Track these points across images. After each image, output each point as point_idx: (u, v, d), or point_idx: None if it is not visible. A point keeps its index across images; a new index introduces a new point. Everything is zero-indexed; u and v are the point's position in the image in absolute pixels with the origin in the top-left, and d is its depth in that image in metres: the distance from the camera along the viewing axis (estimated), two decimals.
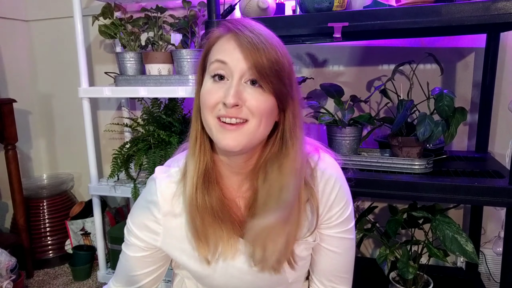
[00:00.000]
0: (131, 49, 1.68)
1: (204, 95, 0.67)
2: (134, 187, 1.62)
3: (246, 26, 0.66)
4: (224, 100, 0.64)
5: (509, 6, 0.99)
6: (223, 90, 0.65)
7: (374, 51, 1.62)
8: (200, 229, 0.71)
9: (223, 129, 0.65)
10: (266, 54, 0.63)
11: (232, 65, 0.64)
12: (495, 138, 1.52)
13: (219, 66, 0.65)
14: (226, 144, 0.65)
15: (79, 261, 1.88)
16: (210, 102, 0.66)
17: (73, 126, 2.17)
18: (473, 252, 1.13)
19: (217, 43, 0.67)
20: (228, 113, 0.64)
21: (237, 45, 0.64)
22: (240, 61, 0.64)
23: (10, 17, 2.05)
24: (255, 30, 0.65)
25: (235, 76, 0.64)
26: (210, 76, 0.67)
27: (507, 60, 1.47)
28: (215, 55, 0.66)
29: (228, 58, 0.64)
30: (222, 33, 0.67)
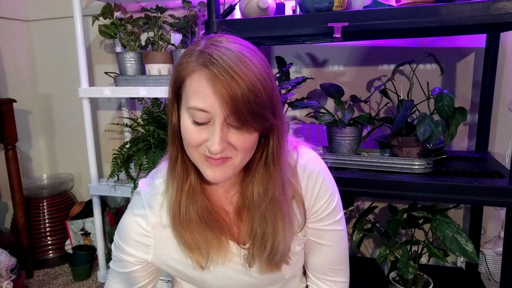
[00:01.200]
0: (131, 49, 1.68)
1: (186, 134, 0.64)
2: (134, 187, 1.62)
3: (223, 59, 0.59)
4: (209, 147, 0.61)
5: (509, 6, 0.99)
6: (206, 132, 0.62)
7: (374, 51, 1.62)
8: (190, 240, 0.71)
9: (209, 164, 0.65)
10: (245, 97, 0.58)
11: (212, 112, 0.60)
12: (495, 138, 1.52)
13: (200, 115, 0.61)
14: (213, 178, 0.66)
15: (79, 261, 1.88)
16: (193, 142, 0.64)
17: (73, 126, 2.17)
18: (473, 252, 1.13)
19: (191, 79, 0.61)
20: (213, 156, 0.63)
21: (212, 91, 0.59)
22: (219, 108, 0.59)
23: (9, 17, 2.05)
24: (231, 65, 0.58)
25: (217, 122, 0.60)
26: (188, 116, 0.63)
27: (507, 60, 1.48)
28: (191, 99, 0.61)
29: (207, 106, 0.60)
30: (197, 66, 0.61)
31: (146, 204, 0.74)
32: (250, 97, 0.58)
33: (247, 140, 0.63)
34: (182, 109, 0.65)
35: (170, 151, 0.70)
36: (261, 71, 0.61)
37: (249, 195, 0.71)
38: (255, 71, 0.60)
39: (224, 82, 0.58)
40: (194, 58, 0.62)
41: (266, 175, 0.69)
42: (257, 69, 0.60)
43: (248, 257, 0.75)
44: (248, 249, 0.75)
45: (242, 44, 0.64)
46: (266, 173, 0.69)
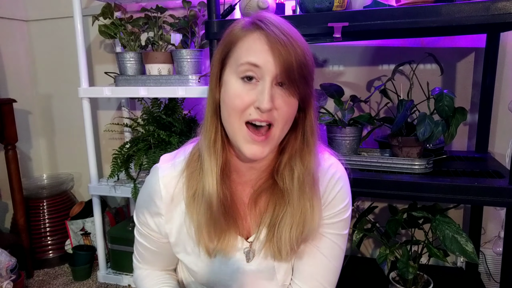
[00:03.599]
0: (131, 49, 1.68)
1: (232, 98, 0.64)
2: (134, 187, 1.62)
3: (275, 24, 0.63)
4: (259, 104, 0.62)
5: (509, 6, 0.99)
6: (254, 93, 0.63)
7: (374, 51, 1.62)
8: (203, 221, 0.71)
9: (251, 139, 0.65)
10: (297, 58, 0.62)
11: (264, 68, 0.62)
12: (495, 138, 1.52)
13: (250, 68, 0.63)
14: (252, 154, 0.66)
15: (79, 261, 1.88)
16: (240, 105, 0.64)
17: (73, 126, 2.17)
18: (473, 252, 1.13)
19: (243, 41, 0.65)
20: (261, 117, 0.63)
21: (268, 47, 0.62)
22: (272, 64, 0.62)
23: (9, 17, 2.05)
24: (284, 30, 0.63)
25: (267, 79, 0.63)
26: (237, 77, 0.64)
27: (507, 60, 1.47)
28: (244, 55, 0.64)
29: (260, 61, 0.62)
30: (249, 30, 0.64)
31: (162, 181, 0.74)
32: (300, 58, 0.63)
33: (289, 105, 0.65)
34: (228, 75, 0.66)
35: (208, 129, 0.69)
36: (306, 43, 0.66)
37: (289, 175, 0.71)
38: (303, 39, 0.66)
39: (278, 40, 0.61)
40: (245, 24, 0.65)
41: (305, 150, 0.71)
42: (303, 40, 0.66)
43: (249, 251, 0.75)
44: (251, 242, 0.75)
45: (286, 20, 0.67)
46: (305, 148, 0.71)
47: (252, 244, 0.75)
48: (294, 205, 0.71)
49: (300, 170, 0.70)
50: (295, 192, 0.71)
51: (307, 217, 0.71)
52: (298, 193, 0.70)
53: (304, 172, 0.70)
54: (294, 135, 0.71)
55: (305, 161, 0.71)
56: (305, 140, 0.71)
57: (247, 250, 0.75)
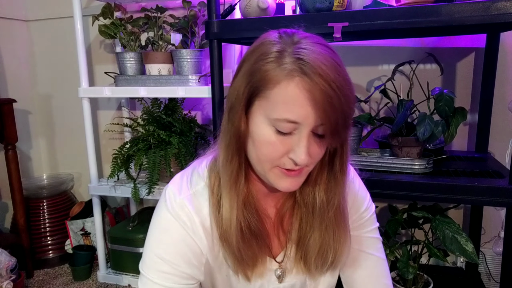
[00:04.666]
0: (131, 49, 1.68)
1: (264, 145, 0.58)
2: (134, 187, 1.62)
3: (322, 69, 0.53)
4: (295, 157, 0.57)
5: (509, 6, 0.99)
6: (289, 143, 0.57)
7: (374, 51, 1.62)
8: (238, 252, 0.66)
9: (286, 175, 0.60)
10: (342, 111, 0.55)
11: (303, 123, 0.55)
12: (495, 138, 1.52)
13: (290, 126, 0.56)
14: (287, 188, 0.62)
15: (79, 261, 1.88)
16: (273, 155, 0.58)
17: (73, 126, 2.17)
18: (473, 252, 1.13)
19: (281, 87, 0.54)
20: (294, 168, 0.59)
21: (309, 103, 0.53)
22: (313, 119, 0.55)
23: (9, 17, 2.05)
24: (331, 77, 0.53)
25: (305, 132, 0.56)
26: (271, 124, 0.57)
27: (507, 60, 1.47)
28: (282, 109, 0.55)
29: (301, 118, 0.55)
30: (289, 72, 0.54)
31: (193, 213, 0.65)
32: (346, 108, 0.55)
33: (323, 149, 0.61)
34: (258, 117, 0.58)
35: (229, 167, 0.63)
36: (351, 82, 0.58)
37: (311, 202, 0.67)
38: (348, 81, 0.57)
39: (322, 92, 0.53)
40: (281, 62, 0.55)
41: (332, 183, 0.66)
42: (348, 78, 0.57)
43: (281, 271, 0.72)
44: (280, 262, 0.72)
45: (328, 47, 0.58)
46: (333, 181, 0.66)
47: (282, 264, 0.72)
48: (320, 229, 0.68)
49: (323, 200, 0.66)
50: (320, 218, 0.67)
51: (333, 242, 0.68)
52: (324, 220, 0.67)
53: (329, 201, 0.66)
54: (321, 167, 0.66)
55: (330, 192, 0.66)
56: (334, 171, 0.65)
57: (279, 271, 0.72)
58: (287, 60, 0.55)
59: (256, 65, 0.57)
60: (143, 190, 1.62)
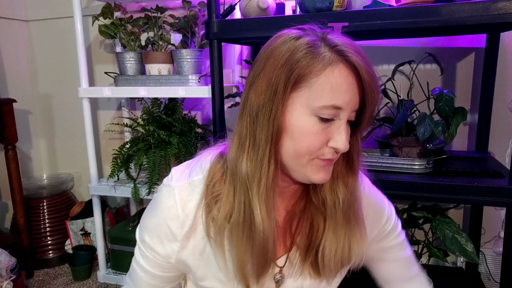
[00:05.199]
0: (131, 49, 1.68)
1: (305, 135, 0.57)
2: (134, 187, 1.62)
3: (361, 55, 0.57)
4: (336, 145, 0.57)
5: (509, 6, 0.99)
6: (330, 131, 0.58)
7: (374, 51, 1.62)
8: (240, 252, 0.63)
9: (322, 165, 0.60)
10: (378, 91, 0.57)
11: (346, 109, 0.57)
12: (495, 138, 1.52)
13: (335, 112, 0.56)
14: (321, 179, 0.61)
15: (79, 261, 1.88)
16: (315, 145, 0.58)
17: (73, 126, 2.17)
18: (473, 252, 1.13)
19: (326, 75, 0.55)
20: (333, 157, 0.59)
21: (352, 87, 0.56)
22: (354, 102, 0.57)
23: (10, 17, 2.05)
24: (364, 56, 0.57)
25: (344, 118, 0.58)
26: (313, 114, 0.57)
27: (507, 60, 1.47)
28: (328, 96, 0.55)
29: (345, 103, 0.56)
30: (331, 59, 0.55)
31: (179, 203, 0.64)
32: (379, 91, 0.58)
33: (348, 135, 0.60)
34: (298, 110, 0.57)
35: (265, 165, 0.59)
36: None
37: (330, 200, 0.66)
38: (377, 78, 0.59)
39: (365, 76, 0.55)
40: (318, 52, 0.56)
41: (350, 177, 0.66)
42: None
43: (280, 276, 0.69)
44: (281, 267, 0.69)
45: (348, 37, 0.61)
46: (350, 175, 0.66)
47: (283, 269, 0.69)
48: (337, 229, 0.66)
49: (344, 195, 0.65)
50: (339, 218, 0.65)
51: (352, 242, 0.66)
52: (342, 219, 0.65)
53: (348, 197, 0.65)
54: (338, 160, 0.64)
55: (348, 185, 0.65)
56: (351, 164, 0.65)
57: (279, 276, 0.69)
58: (324, 50, 0.56)
59: (290, 59, 0.56)
60: (143, 190, 1.62)
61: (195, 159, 0.70)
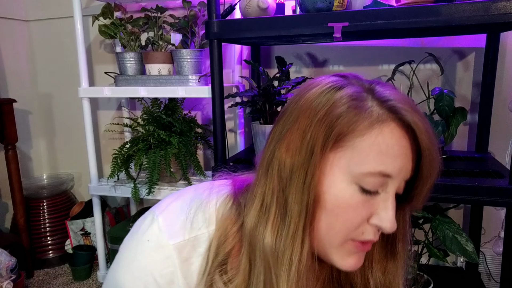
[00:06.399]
0: (131, 49, 1.68)
1: (346, 209, 0.46)
2: (134, 187, 1.62)
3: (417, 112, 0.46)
4: (381, 224, 0.47)
5: (509, 6, 0.99)
6: (373, 206, 0.47)
7: (374, 51, 1.62)
8: None
9: (356, 250, 0.49)
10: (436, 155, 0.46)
11: (396, 178, 0.46)
12: (495, 138, 1.52)
13: (383, 182, 0.46)
14: (351, 266, 0.50)
15: (79, 261, 1.88)
16: (356, 221, 0.47)
17: (73, 126, 2.16)
18: (473, 252, 1.13)
19: (372, 134, 0.45)
20: (374, 238, 0.48)
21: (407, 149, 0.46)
22: (406, 172, 0.47)
23: (10, 17, 2.05)
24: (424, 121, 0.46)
25: (392, 190, 0.47)
26: (354, 182, 0.46)
27: (507, 60, 1.47)
28: (374, 161, 0.45)
29: (395, 171, 0.46)
30: (379, 115, 0.45)
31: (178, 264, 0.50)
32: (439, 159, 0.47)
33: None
34: (336, 176, 0.47)
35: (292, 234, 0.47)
36: None
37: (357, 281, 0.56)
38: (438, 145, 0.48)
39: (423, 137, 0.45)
40: (365, 106, 0.45)
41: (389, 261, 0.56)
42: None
43: None
44: None
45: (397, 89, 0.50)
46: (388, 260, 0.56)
47: None
48: None
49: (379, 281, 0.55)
50: None
51: None
52: None
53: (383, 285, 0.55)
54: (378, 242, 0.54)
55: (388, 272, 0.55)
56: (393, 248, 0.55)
57: None
58: (371, 104, 0.46)
59: (329, 113, 0.45)
60: (143, 190, 1.62)
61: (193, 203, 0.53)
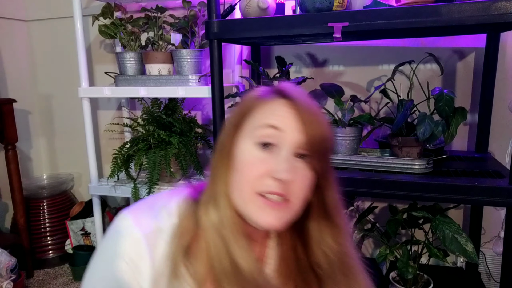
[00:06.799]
0: (131, 49, 1.68)
1: (246, 164, 0.58)
2: (134, 187, 1.62)
3: (300, 93, 0.60)
4: (277, 174, 0.55)
5: (509, 6, 0.99)
6: (271, 161, 0.57)
7: (374, 51, 1.62)
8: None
9: (264, 205, 0.57)
10: (322, 130, 0.58)
11: (287, 134, 0.57)
12: (495, 138, 1.52)
13: (271, 133, 0.57)
14: (268, 222, 0.57)
15: (79, 261, 1.88)
16: (254, 174, 0.57)
17: (73, 126, 2.16)
18: (473, 252, 1.13)
19: (264, 106, 0.60)
20: (277, 189, 0.56)
21: (295, 113, 0.57)
22: (297, 131, 0.57)
23: (9, 17, 2.05)
24: (309, 100, 0.60)
25: (288, 147, 0.57)
26: (253, 142, 0.58)
27: (507, 60, 1.47)
28: (264, 118, 0.58)
29: (283, 125, 0.57)
30: (271, 97, 0.60)
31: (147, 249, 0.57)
32: (326, 130, 0.59)
33: (308, 179, 0.59)
34: (242, 141, 0.59)
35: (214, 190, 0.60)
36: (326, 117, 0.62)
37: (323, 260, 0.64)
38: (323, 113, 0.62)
39: (306, 108, 0.58)
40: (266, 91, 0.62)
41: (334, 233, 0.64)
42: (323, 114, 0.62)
43: None
44: None
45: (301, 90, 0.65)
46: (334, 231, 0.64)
47: None
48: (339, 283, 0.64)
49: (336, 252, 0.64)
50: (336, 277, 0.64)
51: None
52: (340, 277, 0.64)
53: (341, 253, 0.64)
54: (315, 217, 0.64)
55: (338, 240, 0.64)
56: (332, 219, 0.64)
57: None
58: (269, 90, 0.62)
59: (243, 101, 0.63)
60: (143, 190, 1.62)
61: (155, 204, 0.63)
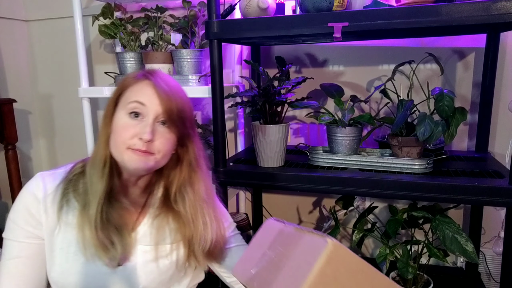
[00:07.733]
0: (131, 49, 1.68)
1: (120, 129, 0.79)
2: None
3: (161, 78, 0.82)
4: (141, 135, 0.77)
5: (509, 6, 0.99)
6: (139, 127, 0.78)
7: (374, 51, 1.62)
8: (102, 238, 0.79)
9: (133, 153, 0.78)
10: (176, 103, 0.80)
11: (149, 107, 0.79)
12: (495, 138, 1.52)
13: (137, 106, 0.79)
14: (134, 165, 0.78)
15: None
16: (126, 136, 0.78)
17: (73, 126, 2.17)
18: (473, 252, 1.13)
19: (134, 86, 0.81)
20: (142, 147, 0.77)
21: (154, 92, 0.79)
22: (156, 105, 0.79)
23: (9, 17, 2.05)
24: (168, 82, 0.82)
25: (151, 116, 0.79)
26: (126, 112, 0.79)
27: (507, 60, 1.48)
28: (133, 96, 0.80)
29: (146, 101, 0.79)
30: (140, 79, 0.82)
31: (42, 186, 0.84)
32: (179, 104, 0.81)
33: (167, 139, 0.81)
34: (118, 112, 0.80)
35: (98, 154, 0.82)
36: (186, 96, 0.85)
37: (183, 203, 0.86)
38: (183, 92, 0.85)
39: (162, 88, 0.80)
40: (138, 75, 0.83)
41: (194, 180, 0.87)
42: (184, 93, 0.85)
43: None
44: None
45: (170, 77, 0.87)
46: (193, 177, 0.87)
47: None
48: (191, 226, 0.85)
49: (191, 195, 0.86)
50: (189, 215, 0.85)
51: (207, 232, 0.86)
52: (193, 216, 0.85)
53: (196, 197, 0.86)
54: (179, 168, 0.86)
55: (195, 187, 0.87)
56: (192, 169, 0.87)
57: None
58: (140, 74, 0.83)
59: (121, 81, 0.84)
60: None
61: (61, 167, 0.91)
